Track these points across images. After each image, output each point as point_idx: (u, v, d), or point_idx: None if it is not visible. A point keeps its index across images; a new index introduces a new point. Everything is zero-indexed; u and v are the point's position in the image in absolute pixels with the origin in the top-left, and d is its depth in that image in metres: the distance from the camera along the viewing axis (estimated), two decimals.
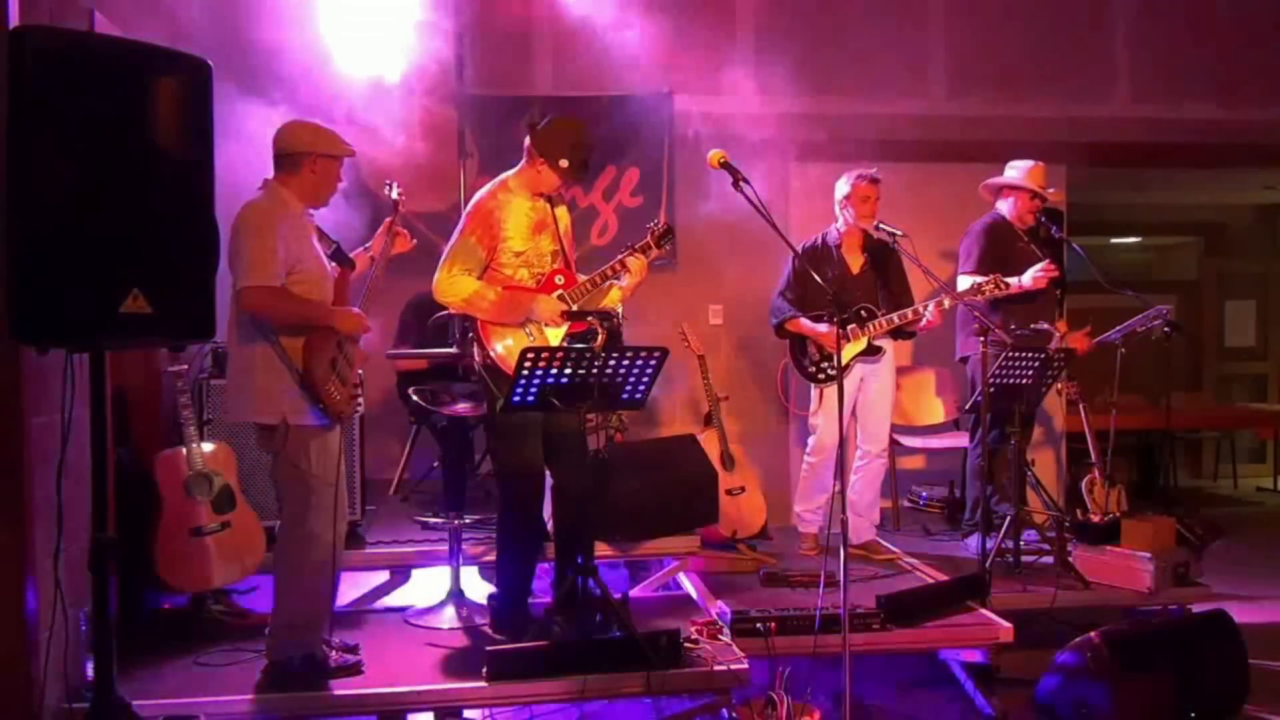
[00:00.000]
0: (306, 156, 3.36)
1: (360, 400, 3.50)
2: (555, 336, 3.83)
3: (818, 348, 4.88)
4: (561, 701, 3.53)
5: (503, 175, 3.90)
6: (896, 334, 4.89)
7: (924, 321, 4.69)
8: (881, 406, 4.93)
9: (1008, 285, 4.73)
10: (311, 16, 4.63)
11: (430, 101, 4.96)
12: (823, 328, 4.79)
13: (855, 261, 4.88)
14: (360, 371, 3.59)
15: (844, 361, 4.76)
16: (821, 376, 4.89)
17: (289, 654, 3.40)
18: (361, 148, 3.98)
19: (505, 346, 3.74)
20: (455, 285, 3.73)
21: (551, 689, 3.41)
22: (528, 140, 3.79)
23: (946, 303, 4.68)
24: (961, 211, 5.54)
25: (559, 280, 3.85)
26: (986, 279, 4.68)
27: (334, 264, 3.48)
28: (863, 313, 4.82)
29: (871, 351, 4.82)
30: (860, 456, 4.99)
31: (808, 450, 5.06)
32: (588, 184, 5.77)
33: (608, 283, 3.89)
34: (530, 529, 3.95)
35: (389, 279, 3.86)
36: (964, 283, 4.95)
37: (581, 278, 3.90)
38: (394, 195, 3.90)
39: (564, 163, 3.74)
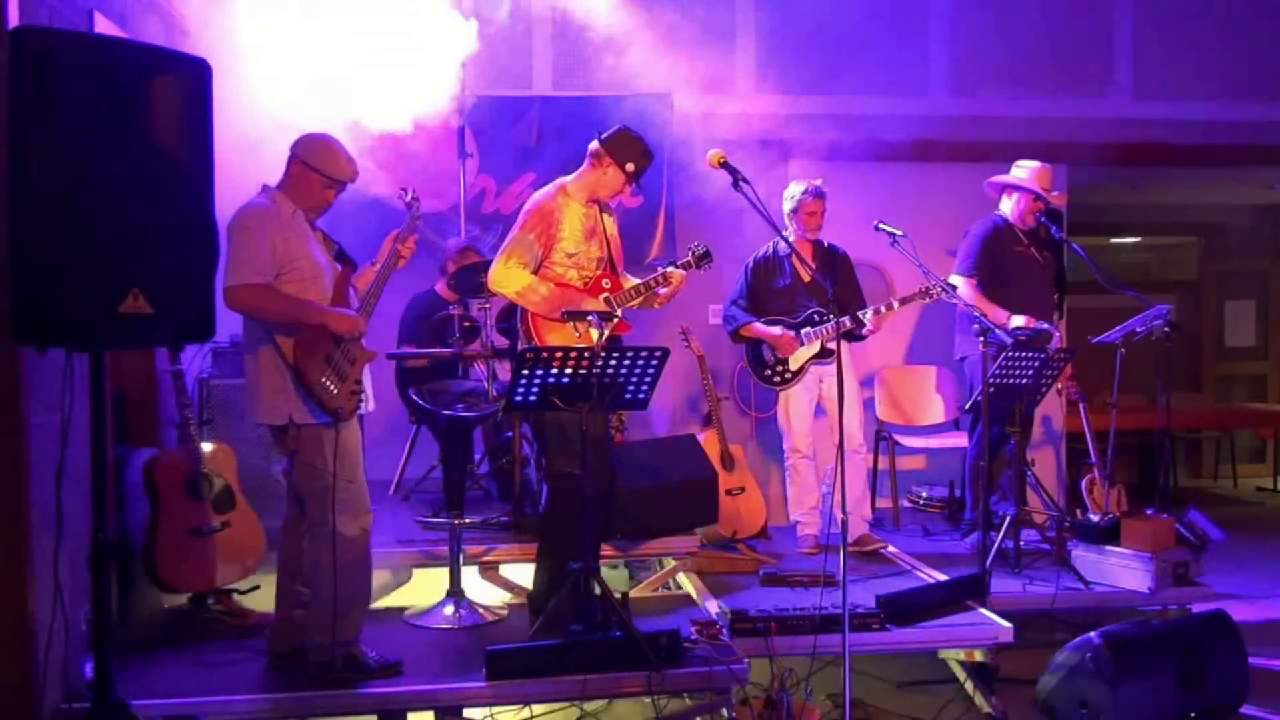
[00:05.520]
0: (294, 161, 3.40)
1: (364, 397, 3.48)
2: (596, 337, 3.89)
3: (772, 352, 5.00)
4: (561, 701, 3.52)
5: (561, 180, 4.02)
6: (847, 336, 4.94)
7: (867, 326, 4.88)
8: (847, 402, 4.96)
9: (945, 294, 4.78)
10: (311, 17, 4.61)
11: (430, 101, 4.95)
12: (776, 331, 4.95)
13: (806, 270, 4.94)
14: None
15: (799, 365, 4.98)
16: (777, 380, 5.04)
17: (330, 654, 3.36)
18: (363, 152, 3.98)
19: (555, 340, 3.82)
20: (511, 277, 3.85)
21: (551, 689, 3.41)
22: (596, 144, 3.93)
23: (897, 306, 4.89)
24: (962, 211, 5.54)
25: (605, 285, 3.99)
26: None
27: (337, 264, 3.49)
28: (815, 317, 4.95)
29: (825, 354, 4.93)
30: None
31: (785, 456, 5.12)
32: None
33: (650, 291, 4.04)
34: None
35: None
36: (957, 282, 5.04)
37: (627, 283, 4.03)
38: (407, 205, 3.82)
39: (631, 166, 3.91)
